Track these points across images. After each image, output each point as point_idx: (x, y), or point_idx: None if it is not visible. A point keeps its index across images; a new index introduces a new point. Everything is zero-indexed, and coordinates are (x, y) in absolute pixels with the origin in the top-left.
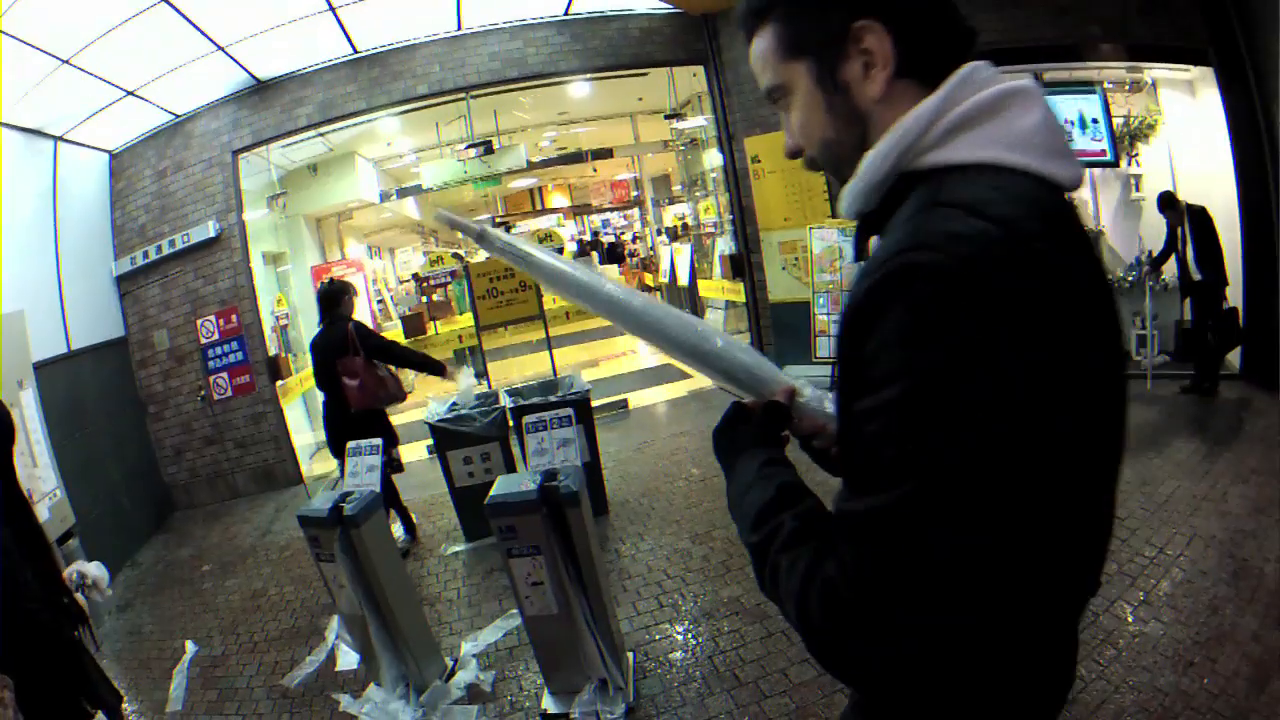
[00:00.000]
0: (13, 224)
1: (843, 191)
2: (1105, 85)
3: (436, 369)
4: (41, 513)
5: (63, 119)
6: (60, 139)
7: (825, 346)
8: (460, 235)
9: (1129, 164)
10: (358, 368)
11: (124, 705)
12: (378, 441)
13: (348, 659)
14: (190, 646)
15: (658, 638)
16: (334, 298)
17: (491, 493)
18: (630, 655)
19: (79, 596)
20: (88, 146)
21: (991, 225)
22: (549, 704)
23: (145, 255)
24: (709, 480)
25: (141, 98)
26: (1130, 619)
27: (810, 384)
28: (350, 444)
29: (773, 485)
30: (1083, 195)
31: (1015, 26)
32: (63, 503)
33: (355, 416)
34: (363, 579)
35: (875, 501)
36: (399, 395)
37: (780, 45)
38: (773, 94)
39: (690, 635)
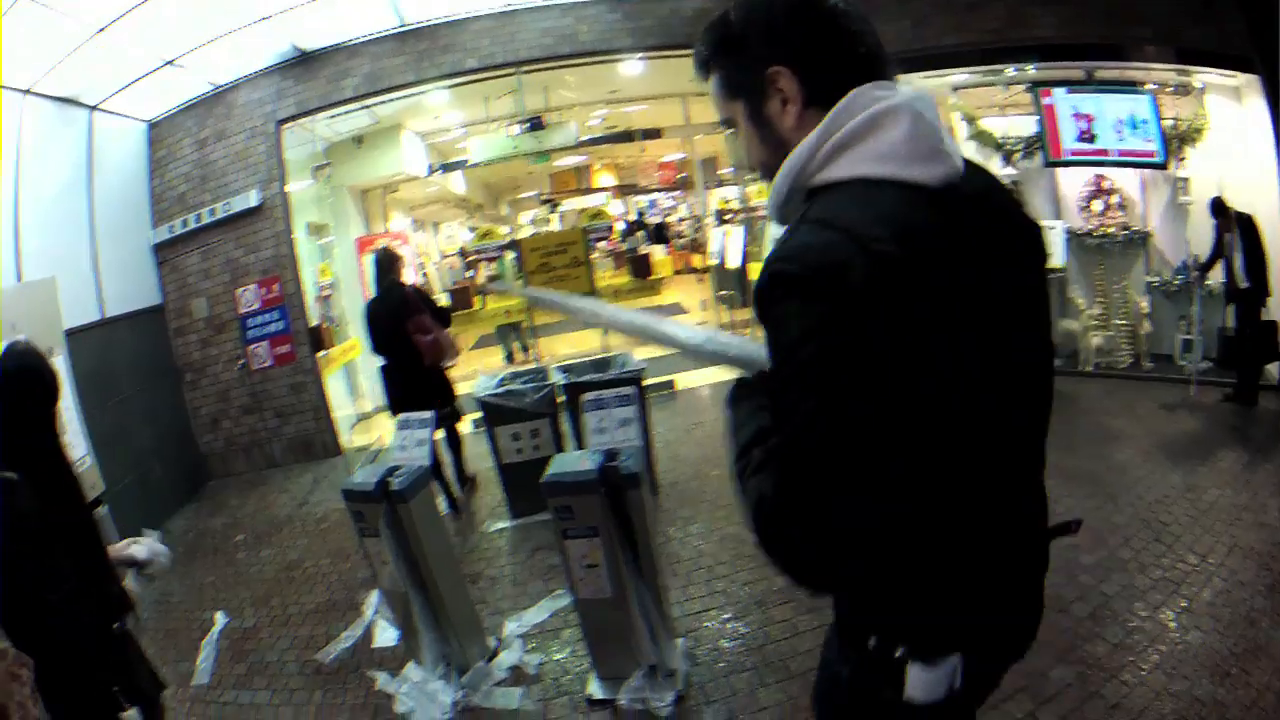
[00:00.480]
0: (44, 192)
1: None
2: (1150, 87)
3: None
4: None
5: (98, 88)
6: (95, 108)
7: None
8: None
9: (1177, 167)
10: (429, 324)
11: (165, 694)
12: (428, 415)
13: (385, 635)
14: (220, 617)
15: (708, 624)
16: (390, 263)
17: (548, 471)
18: (680, 641)
19: (129, 584)
20: (125, 116)
21: (835, 234)
22: (595, 689)
23: (184, 223)
24: None
25: (181, 67)
26: (1174, 626)
27: None
28: (400, 417)
29: (754, 426)
30: (1132, 196)
31: (1067, 23)
32: (91, 470)
33: (426, 372)
34: (408, 555)
35: (782, 436)
36: (456, 353)
37: (722, 89)
38: (724, 124)
39: (741, 623)
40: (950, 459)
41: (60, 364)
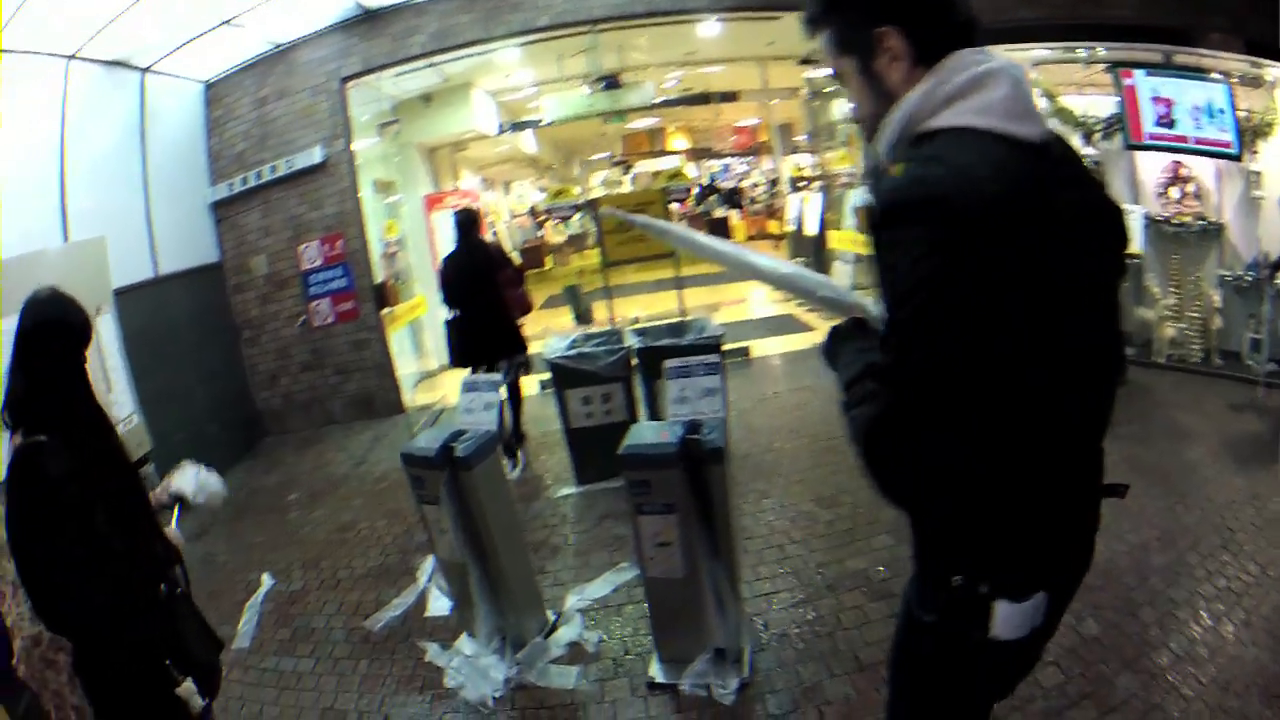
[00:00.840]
0: (94, 155)
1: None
2: (1216, 76)
3: None
4: None
5: (150, 51)
6: (148, 70)
7: None
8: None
9: (1249, 160)
10: (518, 277)
11: (223, 655)
12: (497, 377)
13: (438, 604)
14: (267, 579)
15: (776, 607)
16: (474, 222)
17: (625, 441)
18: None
19: (172, 532)
20: (179, 77)
21: (947, 170)
22: (657, 671)
23: (244, 181)
24: (835, 441)
25: (240, 26)
26: (1231, 639)
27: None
28: (466, 378)
29: (862, 362)
30: (1208, 186)
31: (1144, 5)
32: (139, 428)
33: (502, 324)
34: (469, 525)
35: (892, 357)
36: (531, 306)
37: (832, 45)
38: (836, 78)
39: (811, 608)
40: (1020, 414)
41: (107, 323)
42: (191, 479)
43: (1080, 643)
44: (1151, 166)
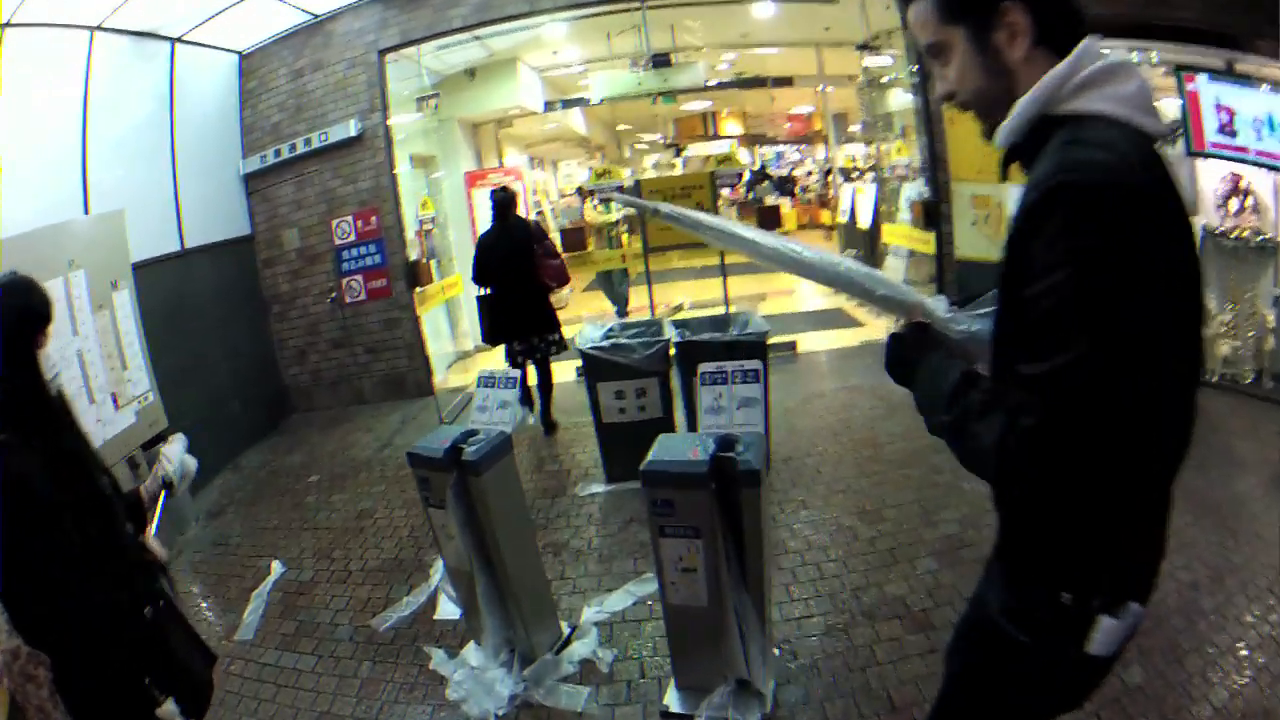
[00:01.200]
0: (119, 126)
1: (1000, 127)
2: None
3: None
4: (128, 417)
5: (180, 21)
6: (178, 40)
7: None
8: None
9: None
10: (555, 249)
11: (215, 670)
12: (515, 374)
13: (448, 607)
14: (277, 567)
15: (808, 634)
16: (511, 202)
17: (650, 455)
18: (776, 652)
19: (152, 543)
20: (212, 47)
21: (1114, 158)
22: (673, 700)
23: (277, 153)
24: (881, 448)
25: None
26: (1267, 693)
27: (941, 300)
28: (481, 373)
29: (956, 372)
30: (1266, 201)
31: (1209, 8)
32: (154, 406)
33: (536, 302)
34: (476, 532)
35: (1058, 361)
36: (568, 279)
37: (940, 12)
38: (931, 49)
39: (845, 637)
40: (1157, 424)
41: (124, 299)
42: (178, 457)
43: (1124, 691)
44: (1210, 176)
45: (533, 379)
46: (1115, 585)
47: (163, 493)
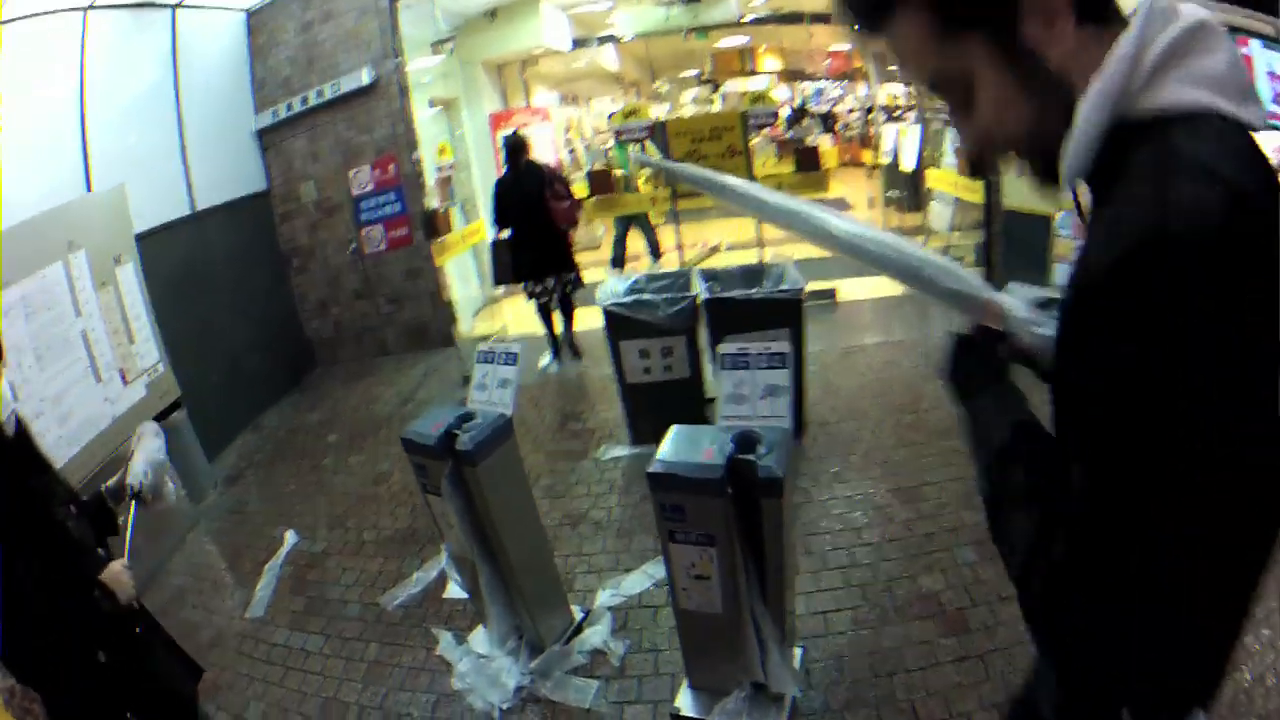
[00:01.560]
0: (120, 99)
1: (1063, 159)
2: None
3: None
4: (138, 390)
5: None
6: (178, 5)
7: (1065, 275)
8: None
9: None
10: (567, 191)
11: (200, 685)
12: (515, 349)
13: (458, 587)
14: (290, 537)
15: (834, 631)
16: (523, 147)
17: (659, 454)
18: (798, 651)
19: (119, 571)
20: (216, 8)
21: (1228, 190)
22: (684, 702)
23: (289, 107)
24: (924, 415)
25: None
26: None
27: (1021, 296)
28: (480, 349)
29: (1007, 428)
30: None
31: None
32: (165, 377)
33: (553, 242)
34: (475, 522)
35: (1100, 481)
36: (577, 220)
37: (935, 26)
38: (939, 85)
39: (873, 636)
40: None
41: (128, 273)
42: (145, 463)
43: None
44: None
45: (558, 327)
46: (1181, 699)
47: (133, 505)
